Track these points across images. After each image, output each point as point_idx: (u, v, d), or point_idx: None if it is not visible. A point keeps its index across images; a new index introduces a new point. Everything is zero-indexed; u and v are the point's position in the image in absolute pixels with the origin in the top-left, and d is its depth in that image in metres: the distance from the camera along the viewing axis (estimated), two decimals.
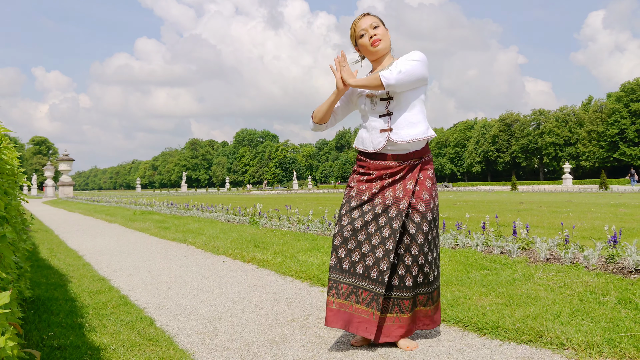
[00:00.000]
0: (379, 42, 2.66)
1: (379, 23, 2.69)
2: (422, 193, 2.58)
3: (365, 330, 2.53)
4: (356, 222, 2.58)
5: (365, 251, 2.54)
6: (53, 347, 2.59)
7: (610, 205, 13.23)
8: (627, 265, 3.69)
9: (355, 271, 2.54)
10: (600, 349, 2.36)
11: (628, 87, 73.04)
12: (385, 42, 2.69)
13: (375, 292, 2.51)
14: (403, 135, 2.56)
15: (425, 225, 2.57)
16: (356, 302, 2.54)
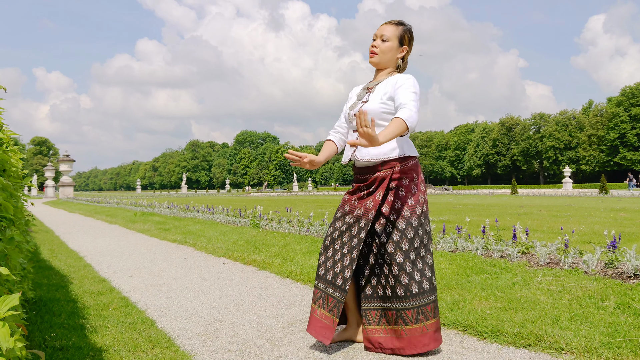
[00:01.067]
0: (374, 56, 2.71)
1: (391, 37, 2.69)
2: (407, 199, 2.58)
3: (323, 336, 2.56)
4: (336, 232, 2.67)
5: (336, 259, 2.61)
6: (56, 348, 2.61)
7: (610, 209, 13.25)
8: (626, 270, 3.70)
9: (326, 278, 2.63)
10: (599, 354, 2.38)
11: (628, 91, 73.12)
12: (383, 58, 2.70)
13: (337, 299, 2.55)
14: (363, 154, 2.63)
15: (409, 231, 2.55)
16: (322, 307, 2.60)
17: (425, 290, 2.54)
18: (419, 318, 2.52)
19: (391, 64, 2.73)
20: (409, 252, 2.54)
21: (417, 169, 2.65)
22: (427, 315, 2.53)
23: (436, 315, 2.56)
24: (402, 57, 2.74)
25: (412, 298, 2.52)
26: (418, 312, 2.52)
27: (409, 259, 2.54)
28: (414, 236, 2.55)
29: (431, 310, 2.54)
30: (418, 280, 2.53)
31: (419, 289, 2.52)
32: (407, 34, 2.73)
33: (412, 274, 2.53)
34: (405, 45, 2.73)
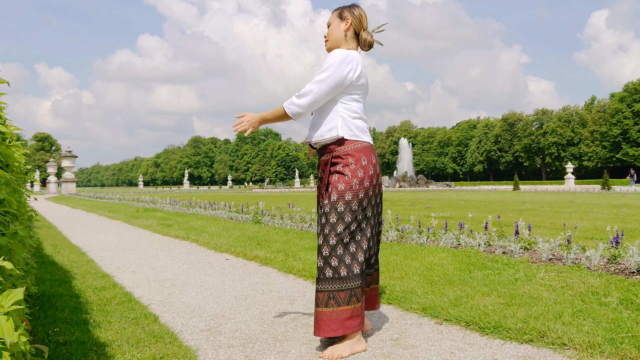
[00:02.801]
0: (326, 43, 2.81)
1: (332, 20, 2.77)
2: (338, 184, 2.57)
3: None
4: None
5: None
6: (59, 342, 2.62)
7: (612, 205, 13.22)
8: (629, 266, 3.70)
9: None
10: (601, 349, 2.38)
11: (631, 87, 72.86)
12: (331, 41, 2.77)
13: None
14: (309, 136, 2.73)
15: (332, 215, 2.55)
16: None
17: (342, 277, 2.53)
18: (329, 302, 2.53)
19: (340, 41, 2.75)
20: (328, 236, 2.55)
21: (356, 153, 2.59)
22: (339, 301, 2.52)
23: (352, 303, 2.53)
24: (347, 29, 2.72)
25: (325, 282, 2.54)
26: (329, 297, 2.53)
27: (328, 244, 2.55)
28: (336, 221, 2.54)
29: (345, 297, 2.52)
30: (334, 266, 2.53)
31: (333, 274, 2.53)
32: (345, 9, 2.75)
33: (329, 259, 2.54)
34: (347, 17, 2.73)
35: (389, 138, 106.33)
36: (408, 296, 3.50)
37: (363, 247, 2.59)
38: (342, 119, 2.61)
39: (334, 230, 2.54)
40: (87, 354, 2.45)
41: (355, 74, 2.60)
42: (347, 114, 2.63)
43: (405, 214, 9.83)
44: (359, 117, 2.67)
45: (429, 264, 4.35)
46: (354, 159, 2.58)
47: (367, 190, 2.59)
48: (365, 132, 2.68)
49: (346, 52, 2.60)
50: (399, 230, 5.98)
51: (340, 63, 2.57)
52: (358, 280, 2.56)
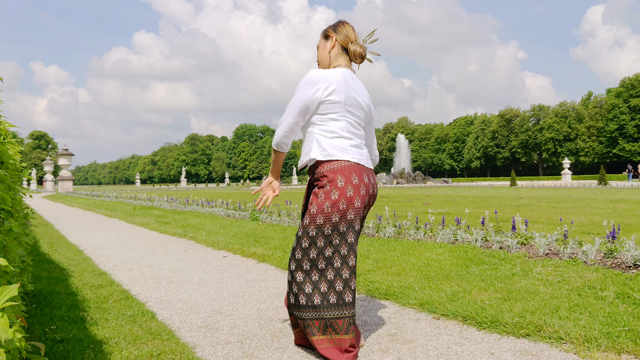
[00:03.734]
0: (318, 66, 2.75)
1: (319, 43, 2.73)
2: (312, 206, 2.46)
3: None
4: None
5: None
6: (56, 340, 2.61)
7: (609, 200, 13.25)
8: (626, 260, 3.71)
9: None
10: (598, 343, 2.38)
11: (628, 82, 72.98)
12: (320, 63, 2.73)
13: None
14: (300, 162, 2.61)
15: (304, 240, 2.45)
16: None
17: (316, 305, 2.40)
18: (305, 331, 2.44)
19: (326, 61, 2.69)
20: (301, 261, 2.44)
21: (331, 174, 2.43)
22: (314, 330, 2.41)
23: (328, 333, 2.39)
24: (332, 47, 2.65)
25: (300, 309, 2.44)
26: (304, 325, 2.43)
27: (301, 269, 2.45)
28: (309, 246, 2.42)
29: (319, 326, 2.40)
30: (307, 293, 2.42)
31: (306, 302, 2.42)
32: (329, 28, 2.70)
33: (302, 285, 2.43)
34: (331, 34, 2.67)
35: (386, 135, 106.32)
36: (405, 292, 3.50)
37: (342, 276, 2.42)
38: (316, 142, 2.50)
39: (307, 256, 2.43)
40: (84, 352, 2.45)
41: (325, 93, 2.46)
42: (322, 134, 2.50)
43: (402, 210, 9.84)
44: (338, 136, 2.49)
45: (426, 260, 4.36)
46: (328, 180, 2.43)
47: (345, 213, 2.41)
48: (345, 150, 2.47)
49: (315, 73, 2.50)
50: (396, 227, 5.98)
51: (305, 85, 2.49)
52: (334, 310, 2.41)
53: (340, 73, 2.54)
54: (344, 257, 2.42)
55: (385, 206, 7.62)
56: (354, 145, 2.53)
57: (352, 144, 2.52)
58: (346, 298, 2.41)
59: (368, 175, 2.51)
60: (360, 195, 2.44)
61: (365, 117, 2.65)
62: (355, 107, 2.55)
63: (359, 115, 2.59)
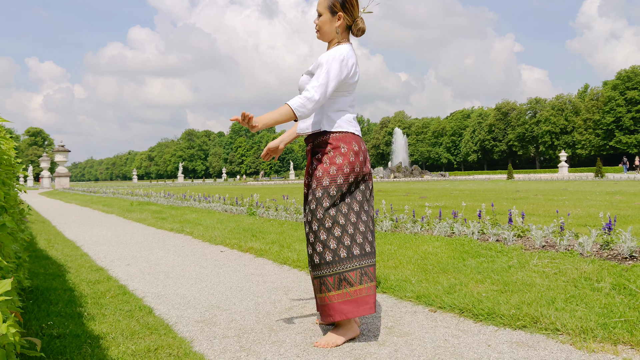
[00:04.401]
0: (317, 33, 2.76)
1: (323, 11, 2.70)
2: (317, 170, 2.61)
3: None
4: None
5: None
6: (53, 336, 2.61)
7: (605, 193, 13.28)
8: (622, 252, 3.72)
9: None
10: (594, 334, 2.39)
11: (624, 75, 73.08)
12: (323, 32, 2.72)
13: None
14: (298, 128, 2.79)
15: (313, 202, 2.59)
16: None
17: (328, 262, 2.54)
18: (321, 288, 2.57)
19: (332, 35, 2.70)
20: (312, 222, 2.59)
21: (334, 141, 2.61)
22: (329, 286, 2.54)
23: (341, 288, 2.54)
24: (340, 25, 2.67)
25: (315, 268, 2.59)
26: (320, 282, 2.57)
27: (312, 230, 2.59)
28: (316, 207, 2.57)
29: (334, 282, 2.54)
30: (319, 252, 2.56)
31: (319, 260, 2.56)
32: (336, 2, 2.67)
33: (314, 245, 2.58)
34: (339, 12, 2.66)
35: (383, 129, 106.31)
36: (402, 285, 3.51)
37: (348, 232, 2.57)
38: (326, 115, 2.65)
39: (315, 216, 2.57)
40: (81, 347, 2.45)
41: (350, 74, 2.62)
42: (332, 108, 2.65)
43: (399, 204, 9.85)
44: (344, 110, 2.67)
45: (423, 253, 4.37)
46: (332, 147, 2.60)
47: (348, 177, 2.59)
48: (350, 122, 2.67)
49: (343, 53, 2.59)
50: (393, 220, 5.99)
51: (342, 66, 2.57)
52: (346, 264, 2.55)
53: (353, 52, 2.68)
54: (346, 215, 2.58)
55: (383, 200, 7.62)
56: (355, 118, 2.75)
57: (354, 118, 2.73)
58: (354, 251, 2.58)
59: (363, 144, 2.73)
60: (359, 161, 2.64)
61: None
62: (358, 82, 2.75)
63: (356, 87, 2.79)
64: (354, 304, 2.54)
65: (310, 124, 2.69)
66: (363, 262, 2.57)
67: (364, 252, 2.59)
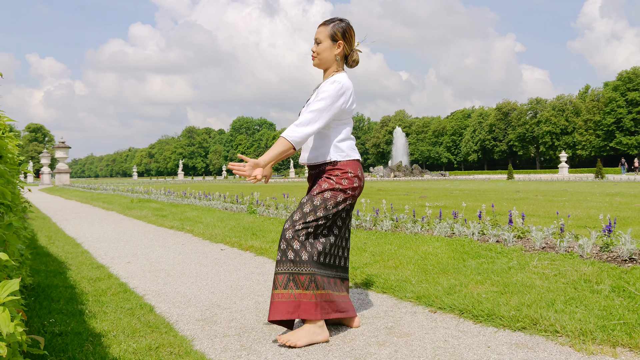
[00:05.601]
0: (314, 59, 2.81)
1: (323, 38, 2.76)
2: (323, 183, 2.72)
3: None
4: None
5: None
6: (54, 333, 2.62)
7: (605, 194, 13.30)
8: (622, 254, 3.73)
9: None
10: (593, 336, 2.41)
11: (625, 76, 73.02)
12: (321, 60, 2.79)
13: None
14: (303, 157, 2.87)
15: (307, 206, 2.67)
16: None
17: (302, 260, 2.58)
18: (288, 284, 2.58)
19: (330, 63, 2.79)
20: (297, 222, 2.64)
21: (343, 167, 2.73)
22: (298, 284, 2.58)
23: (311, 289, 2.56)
24: (339, 53, 2.77)
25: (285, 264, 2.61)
26: (288, 279, 2.58)
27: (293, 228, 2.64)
28: (309, 211, 2.65)
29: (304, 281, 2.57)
30: (295, 249, 2.60)
31: (294, 257, 2.59)
32: (338, 30, 2.76)
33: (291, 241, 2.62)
34: (339, 40, 2.76)
35: (383, 128, 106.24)
36: (402, 285, 3.52)
37: (330, 241, 2.71)
38: (334, 145, 2.76)
39: (304, 219, 2.64)
40: (83, 345, 2.46)
41: (348, 104, 2.72)
42: (338, 138, 2.77)
43: (399, 204, 9.86)
44: (348, 138, 2.80)
45: (423, 253, 4.38)
46: (341, 171, 2.73)
47: (347, 198, 2.72)
48: (354, 149, 2.82)
49: (344, 83, 2.69)
50: (393, 220, 6.00)
51: (338, 95, 2.66)
52: (319, 267, 2.62)
53: (350, 82, 2.77)
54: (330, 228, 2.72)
55: (383, 199, 7.63)
56: (354, 144, 2.88)
57: (355, 145, 2.87)
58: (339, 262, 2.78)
59: (361, 171, 2.87)
60: (360, 186, 2.79)
61: None
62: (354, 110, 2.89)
63: None
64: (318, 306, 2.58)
65: (319, 155, 2.78)
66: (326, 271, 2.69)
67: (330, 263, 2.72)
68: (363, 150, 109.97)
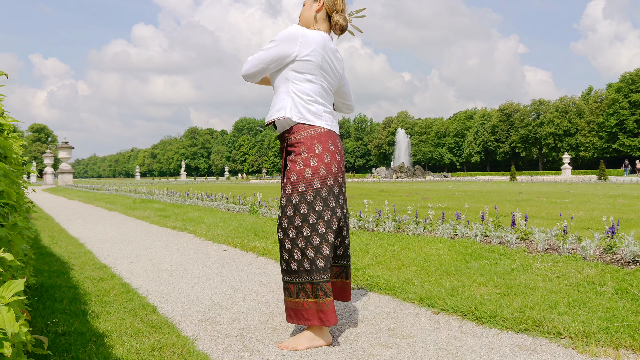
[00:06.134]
0: (299, 22, 2.74)
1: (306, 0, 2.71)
2: (291, 174, 2.50)
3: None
4: None
5: None
6: (58, 333, 2.63)
7: (608, 196, 13.27)
8: (625, 256, 3.72)
9: None
10: (596, 338, 2.40)
11: (628, 77, 72.90)
12: (302, 21, 2.70)
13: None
14: (267, 117, 2.63)
15: (289, 208, 2.50)
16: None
17: (307, 270, 2.47)
18: (299, 294, 2.50)
19: (310, 22, 2.67)
20: (287, 229, 2.49)
21: (308, 140, 2.48)
22: (308, 293, 2.49)
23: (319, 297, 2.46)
24: (319, 10, 2.65)
25: (292, 274, 2.52)
26: (299, 288, 2.50)
27: (288, 237, 2.50)
28: (293, 214, 2.48)
29: (312, 290, 2.47)
30: (297, 259, 2.48)
31: (297, 267, 2.49)
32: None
33: (292, 251, 2.50)
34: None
35: (386, 129, 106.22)
36: (405, 286, 3.52)
37: (328, 240, 2.49)
38: (292, 100, 2.52)
39: (292, 224, 2.49)
40: (87, 345, 2.47)
41: (303, 52, 2.48)
42: (298, 95, 2.52)
43: (402, 205, 9.86)
44: (313, 101, 2.53)
45: (425, 255, 4.38)
46: (306, 147, 2.48)
47: (325, 179, 2.49)
48: (320, 116, 2.53)
49: (296, 29, 2.51)
50: (395, 221, 6.00)
51: (284, 39, 2.50)
52: (323, 274, 2.47)
53: (321, 36, 2.57)
54: (328, 221, 2.49)
55: (385, 201, 7.63)
56: (328, 112, 2.60)
57: (325, 110, 2.58)
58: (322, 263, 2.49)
59: (339, 141, 2.62)
60: (337, 160, 2.54)
61: (337, 83, 2.72)
62: (329, 73, 2.61)
63: (332, 81, 2.65)
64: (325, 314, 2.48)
65: (275, 110, 2.56)
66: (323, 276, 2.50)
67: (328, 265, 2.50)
68: (365, 152, 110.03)
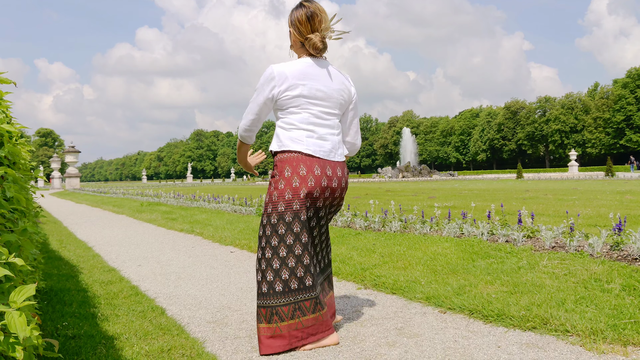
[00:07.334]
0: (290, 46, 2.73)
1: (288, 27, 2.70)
2: (266, 195, 2.56)
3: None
4: None
5: None
6: (68, 336, 2.66)
7: (616, 192, 13.20)
8: (632, 253, 3.71)
9: None
10: (604, 335, 2.40)
11: (634, 73, 72.49)
12: (294, 48, 2.68)
13: None
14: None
15: (260, 228, 2.55)
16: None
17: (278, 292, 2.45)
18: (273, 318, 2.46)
19: (297, 49, 2.66)
20: (259, 248, 2.53)
21: (280, 164, 2.51)
22: (282, 316, 2.46)
23: (270, 322, 2.44)
24: (293, 40, 2.65)
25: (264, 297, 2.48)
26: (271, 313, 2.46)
27: (257, 257, 2.54)
28: (262, 234, 2.52)
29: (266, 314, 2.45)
30: (269, 281, 2.47)
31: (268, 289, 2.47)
32: (289, 18, 2.66)
33: (264, 273, 2.49)
34: (290, 28, 2.64)
35: (391, 128, 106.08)
36: (412, 286, 3.53)
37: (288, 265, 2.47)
38: (275, 134, 2.59)
39: (260, 244, 2.52)
40: (96, 347, 2.49)
41: (279, 90, 2.49)
42: (281, 127, 2.57)
43: (408, 204, 9.85)
44: (295, 128, 2.52)
45: (432, 254, 4.38)
46: (278, 170, 2.51)
47: (290, 203, 2.46)
48: (299, 141, 2.50)
49: (270, 70, 2.51)
50: (402, 221, 6.00)
51: (262, 83, 2.53)
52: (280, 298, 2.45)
53: (301, 65, 2.54)
54: (290, 246, 2.46)
55: (391, 200, 7.63)
56: (315, 137, 2.54)
57: (309, 135, 2.52)
58: (292, 285, 2.47)
59: (323, 168, 2.52)
60: (308, 186, 2.47)
61: (339, 105, 2.64)
62: (319, 98, 2.55)
63: (327, 104, 2.58)
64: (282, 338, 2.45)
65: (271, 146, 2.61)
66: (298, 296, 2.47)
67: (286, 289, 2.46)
68: (371, 152, 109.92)
